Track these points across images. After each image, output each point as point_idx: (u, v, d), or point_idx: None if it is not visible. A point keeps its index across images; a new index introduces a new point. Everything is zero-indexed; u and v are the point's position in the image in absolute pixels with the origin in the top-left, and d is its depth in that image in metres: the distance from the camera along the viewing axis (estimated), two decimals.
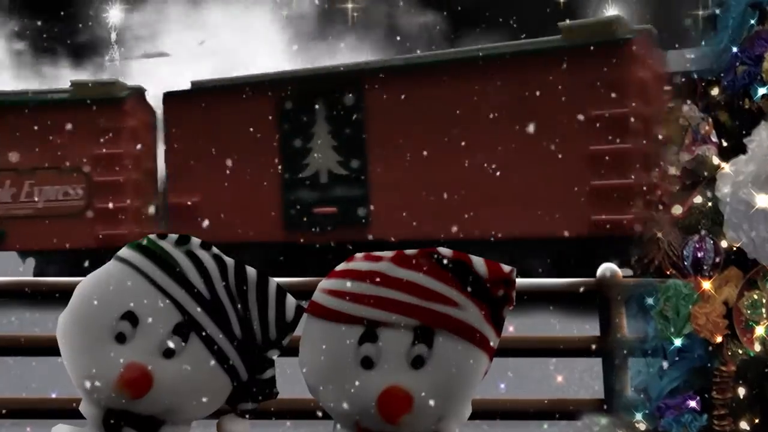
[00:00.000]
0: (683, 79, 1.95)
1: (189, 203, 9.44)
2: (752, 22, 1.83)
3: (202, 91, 10.01)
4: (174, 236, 1.33)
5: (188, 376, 1.25)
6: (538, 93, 7.56)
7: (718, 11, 1.87)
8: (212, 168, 9.15)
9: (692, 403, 1.87)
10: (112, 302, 1.27)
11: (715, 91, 1.89)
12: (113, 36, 21.46)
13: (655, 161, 7.61)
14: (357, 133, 8.79)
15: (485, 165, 7.76)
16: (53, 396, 2.78)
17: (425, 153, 8.12)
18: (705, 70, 1.90)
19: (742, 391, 1.85)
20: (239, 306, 1.30)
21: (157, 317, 1.26)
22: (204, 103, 9.54)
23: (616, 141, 7.50)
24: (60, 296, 1.36)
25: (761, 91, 1.79)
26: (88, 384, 1.25)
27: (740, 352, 1.86)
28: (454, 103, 8.06)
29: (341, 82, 8.87)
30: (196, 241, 1.33)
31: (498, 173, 7.73)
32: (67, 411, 2.33)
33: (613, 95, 7.42)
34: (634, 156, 7.56)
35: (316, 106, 9.02)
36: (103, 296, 1.28)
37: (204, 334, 1.27)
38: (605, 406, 2.93)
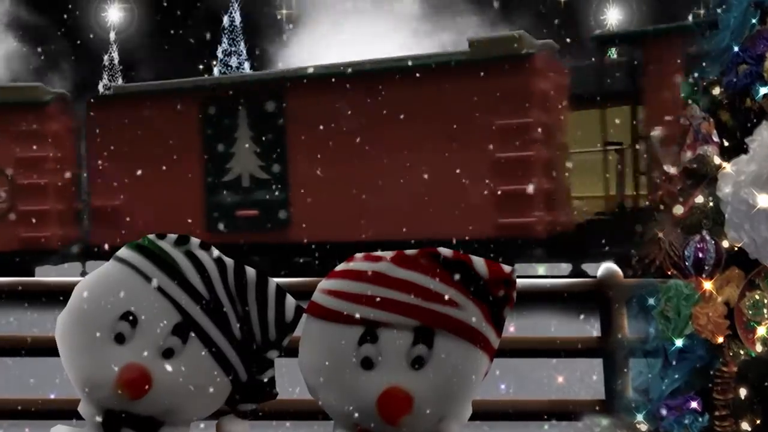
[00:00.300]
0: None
1: (112, 206, 9.77)
2: (754, 21, 1.82)
3: (126, 96, 10.42)
4: (173, 236, 1.32)
5: (187, 376, 1.25)
6: (449, 103, 8.17)
7: (719, 10, 1.86)
8: (135, 172, 9.54)
9: (693, 404, 1.87)
10: (111, 303, 1.26)
11: (716, 91, 1.88)
12: (112, 36, 21.49)
13: (557, 167, 8.36)
14: (278, 139, 9.23)
15: (400, 170, 8.31)
16: (52, 396, 2.77)
17: (343, 158, 8.62)
18: (707, 70, 1.90)
19: (743, 392, 1.85)
20: (239, 306, 1.29)
21: (156, 318, 1.25)
22: (128, 107, 9.93)
23: (520, 149, 8.14)
24: (59, 297, 1.35)
25: (763, 90, 1.79)
26: (87, 384, 1.25)
27: (742, 352, 1.86)
28: (371, 111, 8.53)
29: (263, 90, 9.34)
30: (195, 241, 1.32)
31: (412, 178, 8.25)
32: (65, 412, 2.33)
33: (518, 106, 8.07)
34: (537, 162, 8.23)
35: (239, 112, 9.45)
36: (101, 297, 1.27)
37: (203, 334, 1.26)
38: (606, 407, 2.92)
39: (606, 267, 3.07)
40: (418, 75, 8.47)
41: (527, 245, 8.21)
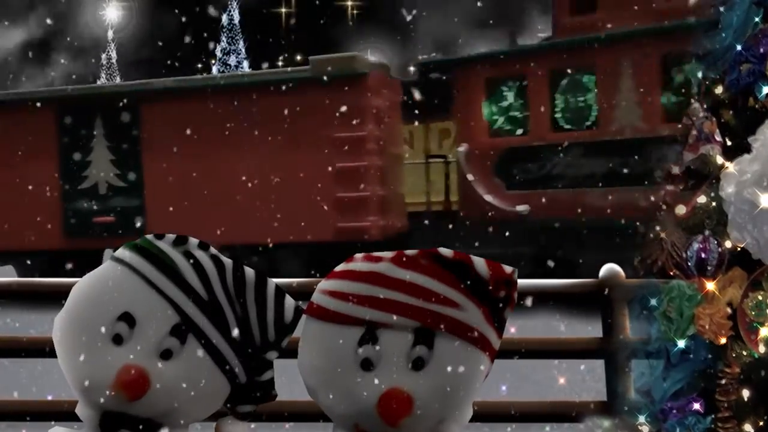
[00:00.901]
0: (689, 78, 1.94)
1: None
2: (757, 19, 1.81)
3: None
4: (171, 236, 1.32)
5: (186, 377, 1.24)
6: (294, 116, 9.05)
7: (722, 9, 1.85)
8: None
9: (696, 406, 1.86)
10: (109, 303, 1.26)
11: (719, 90, 1.87)
12: (110, 35, 21.51)
13: (391, 175, 9.47)
14: (133, 148, 9.82)
15: (249, 178, 9.07)
16: (49, 398, 2.76)
17: (196, 167, 9.30)
18: (709, 69, 1.88)
19: (746, 393, 1.84)
20: (237, 307, 1.29)
21: (154, 318, 1.25)
22: None
23: (355, 159, 9.11)
24: (57, 297, 1.35)
25: (766, 89, 1.78)
26: (84, 386, 1.24)
27: (745, 353, 1.85)
28: (222, 123, 9.25)
29: (119, 100, 9.90)
30: (193, 241, 1.32)
31: (260, 186, 9.06)
32: (63, 413, 2.32)
33: (353, 121, 9.02)
34: (371, 171, 9.25)
35: (96, 122, 10.06)
36: (99, 297, 1.27)
37: (202, 335, 1.26)
38: (608, 409, 2.91)
39: (608, 267, 3.05)
40: (266, 90, 9.31)
41: (364, 248, 8.44)
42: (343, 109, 8.89)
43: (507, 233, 8.43)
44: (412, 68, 11.06)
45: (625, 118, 8.42)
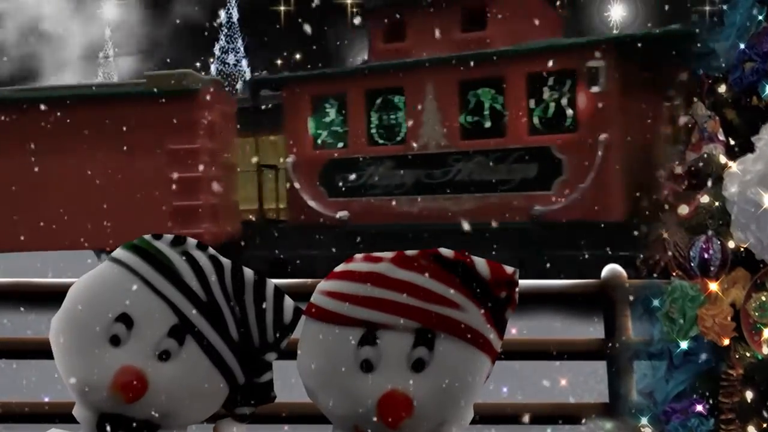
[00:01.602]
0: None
1: None
2: (760, 18, 1.80)
3: None
4: (169, 237, 1.31)
5: (184, 379, 1.23)
6: (132, 127, 9.71)
7: (725, 7, 1.84)
8: None
9: (699, 407, 1.85)
10: (107, 304, 1.24)
11: (722, 89, 1.86)
12: (108, 33, 21.52)
13: (224, 184, 10.27)
14: None
15: (93, 187, 9.66)
16: (46, 399, 2.75)
17: (40, 175, 9.67)
18: (712, 67, 1.87)
19: (749, 395, 1.83)
20: (236, 308, 1.28)
21: (152, 319, 1.24)
22: None
23: (190, 170, 9.90)
24: (53, 298, 1.34)
25: None
26: (81, 387, 1.23)
27: (748, 355, 1.84)
28: (63, 133, 9.69)
29: None
30: (192, 241, 1.31)
31: (104, 194, 9.62)
32: (60, 415, 2.32)
33: (187, 133, 9.83)
34: (205, 182, 9.99)
35: None
36: (97, 298, 1.26)
37: (200, 336, 1.25)
38: (610, 410, 2.90)
39: (610, 268, 3.04)
40: (104, 101, 9.87)
41: None
42: (178, 122, 9.78)
43: (328, 237, 9.41)
44: (239, 86, 12.54)
45: (430, 135, 9.70)
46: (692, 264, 1.86)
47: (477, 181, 9.40)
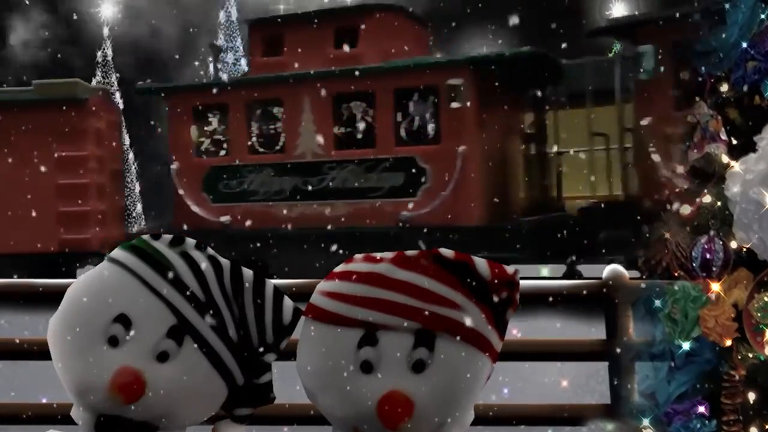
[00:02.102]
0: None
1: None
2: (762, 16, 1.79)
3: None
4: (168, 237, 1.30)
5: (182, 380, 1.23)
6: (22, 134, 10.33)
7: (727, 5, 1.84)
8: None
9: (701, 409, 1.85)
10: (105, 304, 1.24)
11: (724, 88, 1.85)
12: (106, 31, 21.52)
13: (111, 190, 11.31)
14: None
15: None
16: (44, 401, 2.74)
17: None
18: (714, 66, 1.87)
19: (752, 396, 1.82)
20: (235, 308, 1.27)
21: (150, 320, 1.23)
22: None
23: (77, 176, 10.53)
24: (51, 299, 1.33)
25: None
26: (79, 388, 1.23)
27: (750, 356, 1.83)
28: None
29: None
30: (190, 241, 1.30)
31: None
32: (58, 416, 2.31)
33: (75, 141, 10.49)
34: (92, 188, 10.78)
35: None
36: (95, 298, 1.25)
37: (199, 337, 1.24)
38: (611, 412, 2.89)
39: (612, 268, 3.03)
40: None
41: (87, 256, 10.62)
42: (66, 130, 10.36)
43: (211, 241, 9.73)
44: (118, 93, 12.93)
45: (306, 145, 10.47)
46: (694, 264, 1.85)
47: (350, 188, 10.16)
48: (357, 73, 9.84)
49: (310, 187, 10.30)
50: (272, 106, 10.82)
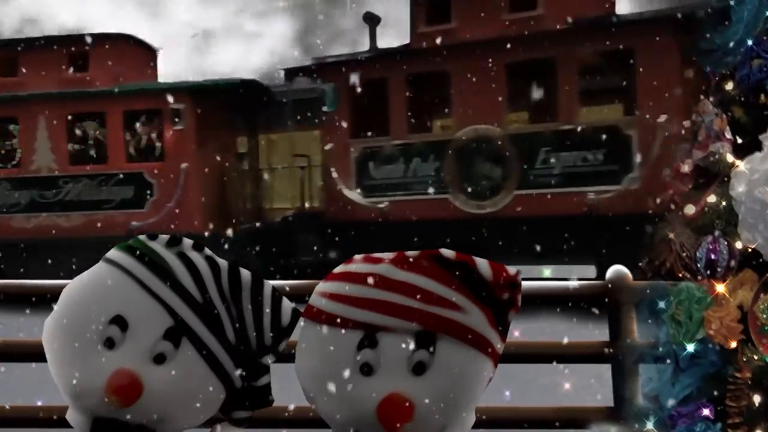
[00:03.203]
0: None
1: None
2: None
3: None
4: (165, 237, 1.29)
5: (180, 382, 1.21)
6: None
7: (732, 3, 1.82)
8: None
9: (705, 411, 1.83)
10: (101, 306, 1.23)
11: (729, 86, 1.84)
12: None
13: None
14: None
15: None
16: (39, 404, 2.73)
17: None
18: (719, 64, 1.85)
19: (757, 399, 1.81)
20: (233, 310, 1.26)
21: (147, 321, 1.22)
22: None
23: None
24: (46, 300, 1.32)
25: None
26: (75, 391, 1.21)
27: (756, 358, 1.82)
28: None
29: None
30: (187, 242, 1.29)
31: None
32: (53, 419, 2.30)
33: None
34: None
35: None
36: (91, 300, 1.24)
37: (196, 339, 1.23)
38: (615, 415, 2.87)
39: (615, 269, 3.01)
40: None
41: None
42: None
43: None
44: None
45: (41, 160, 11.53)
46: (699, 265, 1.84)
47: (85, 200, 11.37)
48: (89, 95, 11.21)
49: (45, 200, 11.39)
50: (8, 124, 11.79)
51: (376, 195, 10.17)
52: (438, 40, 9.61)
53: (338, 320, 1.20)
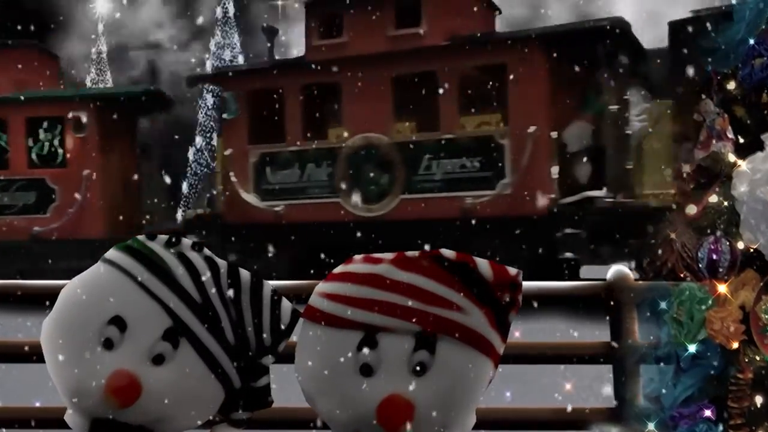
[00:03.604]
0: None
1: None
2: None
3: None
4: (164, 237, 1.28)
5: (178, 383, 1.21)
6: None
7: (734, 1, 1.82)
8: None
9: (707, 412, 1.83)
10: (99, 306, 1.22)
11: (731, 85, 1.84)
12: (100, 28, 21.58)
13: None
14: None
15: None
16: (37, 405, 2.72)
17: None
18: (721, 63, 1.84)
19: (759, 400, 1.81)
20: (232, 310, 1.26)
21: (146, 322, 1.22)
22: None
23: None
24: (45, 300, 1.32)
25: None
26: (74, 392, 1.21)
27: (758, 358, 1.81)
28: None
29: None
30: (186, 242, 1.28)
31: None
32: (52, 420, 2.29)
33: None
34: None
35: None
36: (89, 300, 1.23)
37: (195, 339, 1.23)
38: (616, 416, 2.86)
39: (616, 269, 3.00)
40: None
41: None
42: None
43: None
44: None
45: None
46: (700, 265, 1.83)
47: None
48: None
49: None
50: None
51: (272, 198, 10.47)
52: (330, 54, 10.05)
53: (338, 321, 1.20)
